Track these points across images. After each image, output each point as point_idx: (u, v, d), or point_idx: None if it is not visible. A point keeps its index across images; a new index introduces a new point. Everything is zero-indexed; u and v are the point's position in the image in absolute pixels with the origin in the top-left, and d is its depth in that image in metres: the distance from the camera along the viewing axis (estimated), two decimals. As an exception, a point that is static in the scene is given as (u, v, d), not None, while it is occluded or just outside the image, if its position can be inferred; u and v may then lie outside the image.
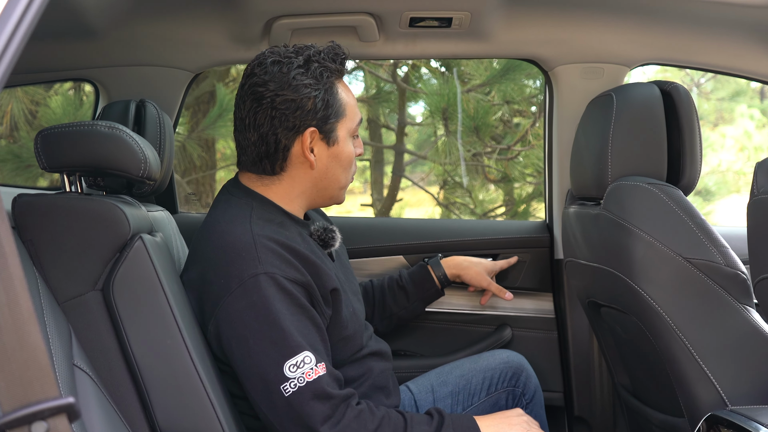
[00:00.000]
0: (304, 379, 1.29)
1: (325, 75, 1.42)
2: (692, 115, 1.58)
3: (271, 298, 1.31)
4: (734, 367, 1.42)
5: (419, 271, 1.92)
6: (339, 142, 1.46)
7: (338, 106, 1.44)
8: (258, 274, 1.32)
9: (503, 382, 1.78)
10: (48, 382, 0.64)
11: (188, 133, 4.68)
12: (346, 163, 1.49)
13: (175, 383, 1.24)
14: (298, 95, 1.39)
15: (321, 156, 1.45)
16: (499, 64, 4.20)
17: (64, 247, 1.24)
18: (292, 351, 1.30)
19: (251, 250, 1.34)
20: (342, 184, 1.50)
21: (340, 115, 1.44)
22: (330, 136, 1.44)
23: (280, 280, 1.33)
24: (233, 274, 1.33)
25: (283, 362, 1.29)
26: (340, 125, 1.45)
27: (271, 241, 1.36)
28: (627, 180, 1.54)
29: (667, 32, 1.93)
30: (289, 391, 1.29)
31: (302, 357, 1.30)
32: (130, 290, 1.25)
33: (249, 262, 1.33)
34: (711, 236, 1.44)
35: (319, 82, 1.41)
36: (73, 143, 1.32)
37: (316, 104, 1.40)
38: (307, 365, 1.30)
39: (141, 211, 1.42)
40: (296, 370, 1.29)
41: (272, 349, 1.30)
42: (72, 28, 1.80)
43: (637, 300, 1.48)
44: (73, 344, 1.13)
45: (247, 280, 1.32)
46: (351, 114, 1.47)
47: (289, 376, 1.29)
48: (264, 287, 1.31)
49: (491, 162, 4.73)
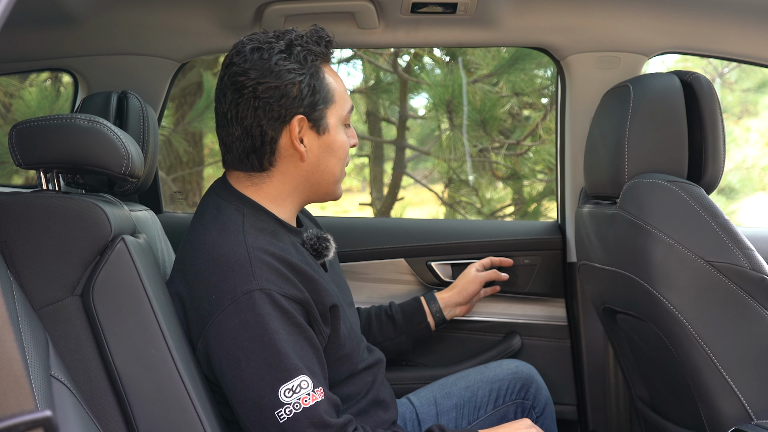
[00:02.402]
0: (300, 405, 1.28)
1: (310, 59, 1.40)
2: (715, 108, 1.58)
3: (266, 317, 1.29)
4: (760, 379, 1.42)
5: (411, 303, 1.91)
6: (330, 130, 1.44)
7: (326, 91, 1.42)
8: (252, 290, 1.30)
9: (512, 394, 1.78)
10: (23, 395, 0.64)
11: (174, 127, 4.68)
12: (340, 154, 1.47)
13: (159, 396, 1.24)
14: (282, 82, 1.37)
15: (312, 146, 1.43)
16: (507, 52, 4.20)
17: (40, 250, 1.24)
18: (289, 374, 1.28)
19: (245, 264, 1.32)
20: (337, 176, 1.49)
21: (329, 101, 1.43)
22: (320, 124, 1.42)
23: (276, 297, 1.31)
24: (226, 289, 1.31)
25: (279, 386, 1.28)
26: (329, 112, 1.43)
27: (266, 254, 1.34)
28: (645, 177, 1.54)
29: (688, 18, 1.93)
30: (284, 417, 1.27)
31: (299, 381, 1.28)
32: (112, 296, 1.25)
33: (243, 278, 1.31)
34: (735, 238, 1.44)
35: (304, 66, 1.39)
36: (50, 138, 1.32)
37: (302, 90, 1.38)
38: (303, 390, 1.28)
39: (123, 211, 1.43)
40: (292, 395, 1.28)
41: (267, 371, 1.28)
42: (49, 14, 1.80)
43: (655, 306, 1.48)
44: (50, 353, 1.13)
45: (241, 297, 1.30)
46: (341, 100, 1.46)
47: (284, 402, 1.27)
48: (259, 305, 1.29)
49: (499, 158, 4.73)
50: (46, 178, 1.35)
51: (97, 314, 1.23)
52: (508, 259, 2.08)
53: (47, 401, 1.03)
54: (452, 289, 1.96)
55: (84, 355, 1.23)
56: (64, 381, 1.11)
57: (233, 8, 1.90)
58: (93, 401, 1.21)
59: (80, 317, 1.24)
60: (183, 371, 1.26)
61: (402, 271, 2.17)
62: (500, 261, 2.07)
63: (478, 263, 2.03)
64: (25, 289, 1.22)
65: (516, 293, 2.16)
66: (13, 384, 0.63)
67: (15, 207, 1.25)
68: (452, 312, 1.94)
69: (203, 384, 1.35)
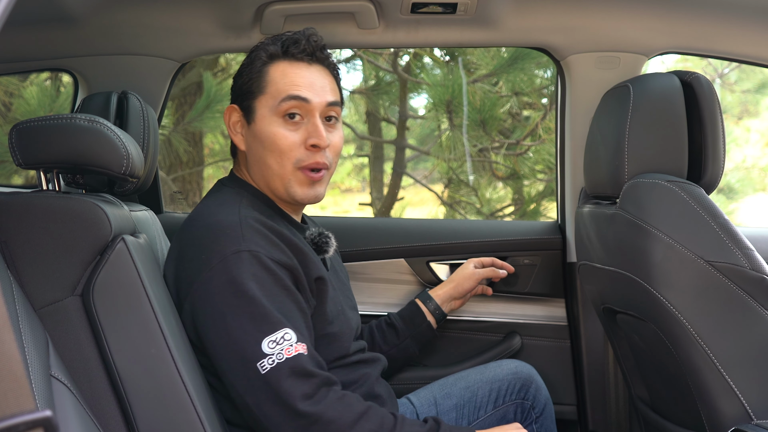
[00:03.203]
0: (283, 355, 1.29)
1: (261, 56, 1.51)
2: (715, 108, 1.58)
3: (252, 275, 1.33)
4: (760, 379, 1.42)
5: (408, 307, 1.93)
6: (257, 119, 1.50)
7: (260, 83, 1.50)
8: (241, 250, 1.34)
9: (511, 394, 1.78)
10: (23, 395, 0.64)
11: (174, 126, 4.68)
12: (270, 145, 1.48)
13: (159, 396, 1.24)
14: (234, 75, 1.55)
15: (245, 136, 1.53)
16: (507, 52, 4.20)
17: (40, 250, 1.24)
18: (272, 327, 1.31)
19: (236, 228, 1.37)
20: (275, 170, 1.48)
21: (260, 92, 1.50)
22: (249, 114, 1.51)
23: (264, 259, 1.35)
24: (215, 250, 1.36)
25: (262, 338, 1.30)
26: (258, 102, 1.50)
27: (257, 222, 1.40)
28: (645, 177, 1.54)
29: (688, 18, 1.93)
30: (267, 367, 1.29)
31: (282, 333, 1.31)
32: (112, 295, 1.25)
33: (233, 239, 1.36)
34: (735, 238, 1.44)
35: (251, 62, 1.52)
36: (50, 138, 1.32)
37: (237, 81, 1.53)
38: (286, 342, 1.31)
39: (123, 211, 1.43)
40: (275, 346, 1.30)
41: (251, 324, 1.31)
42: (49, 14, 1.80)
43: (655, 306, 1.48)
44: (50, 353, 1.13)
45: (230, 256, 1.34)
46: (274, 91, 1.49)
47: (267, 353, 1.29)
48: (246, 264, 1.33)
49: (499, 158, 4.73)
50: (46, 178, 1.35)
51: (97, 314, 1.23)
52: (509, 266, 2.07)
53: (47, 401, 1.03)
54: (448, 284, 1.96)
55: (84, 355, 1.23)
56: (64, 381, 1.11)
57: (233, 8, 1.90)
58: (93, 401, 1.21)
59: (80, 317, 1.24)
60: (183, 371, 1.26)
61: (402, 271, 2.17)
62: (502, 264, 2.06)
63: (477, 259, 2.03)
64: (25, 289, 1.22)
65: (516, 293, 2.16)
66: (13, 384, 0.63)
67: (15, 207, 1.25)
68: (449, 306, 1.95)
69: (203, 384, 1.35)
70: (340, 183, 7.91)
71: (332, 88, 1.54)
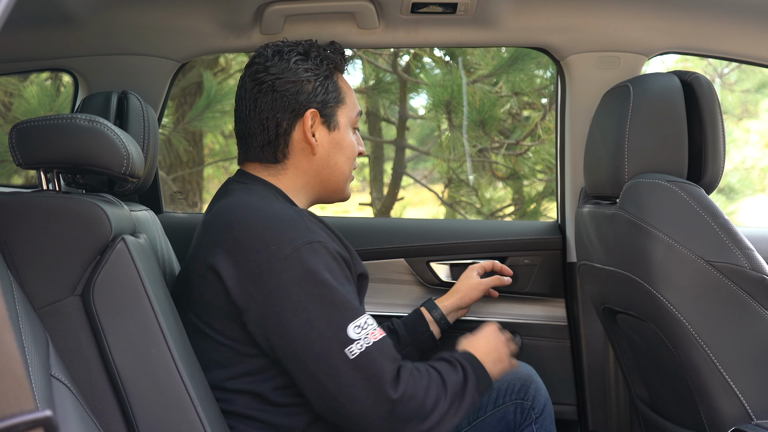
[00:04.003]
0: (370, 339, 1.33)
1: (325, 63, 1.54)
2: (715, 108, 1.58)
3: (327, 264, 1.36)
4: (760, 379, 1.42)
5: (412, 315, 1.92)
6: (340, 128, 1.56)
7: (338, 92, 1.55)
8: (312, 241, 1.36)
9: (511, 394, 1.78)
10: (24, 394, 0.63)
11: (174, 126, 4.68)
12: (349, 152, 1.58)
13: (159, 396, 1.24)
14: (298, 78, 1.50)
15: (322, 141, 1.53)
16: (507, 52, 4.20)
17: (40, 250, 1.23)
18: (355, 313, 1.34)
19: (299, 220, 1.39)
20: (346, 174, 1.58)
21: (340, 102, 1.56)
22: (331, 121, 1.54)
23: (331, 249, 1.38)
24: (285, 240, 1.35)
25: (347, 324, 1.32)
26: (340, 111, 1.56)
27: (312, 216, 1.43)
28: (645, 177, 1.54)
29: (688, 19, 1.93)
30: (356, 352, 1.31)
31: (364, 319, 1.35)
32: (112, 295, 1.24)
33: (300, 231, 1.37)
34: (735, 238, 1.44)
35: (319, 68, 1.53)
36: (50, 138, 1.32)
37: (316, 87, 1.51)
38: (370, 327, 1.34)
39: (123, 211, 1.42)
40: (361, 331, 1.33)
41: (334, 312, 1.33)
42: (49, 14, 1.80)
43: (655, 306, 1.48)
44: (50, 353, 1.13)
45: (302, 246, 1.35)
46: (351, 103, 1.58)
47: (354, 338, 1.32)
48: (319, 254, 1.36)
49: (499, 158, 4.73)
50: (46, 178, 1.35)
51: (97, 314, 1.23)
52: (509, 270, 2.04)
53: (47, 401, 1.03)
54: (454, 295, 1.95)
55: (84, 355, 1.23)
56: (64, 381, 1.11)
57: (233, 8, 1.90)
58: (93, 401, 1.21)
59: (80, 317, 1.24)
60: (183, 371, 1.26)
61: (402, 271, 2.17)
62: (501, 268, 2.04)
63: (479, 266, 2.00)
64: (25, 289, 1.21)
65: (516, 293, 2.16)
66: (13, 384, 0.63)
67: (15, 207, 1.25)
68: (455, 315, 1.95)
69: (203, 384, 1.35)
70: (340, 183, 7.89)
71: None
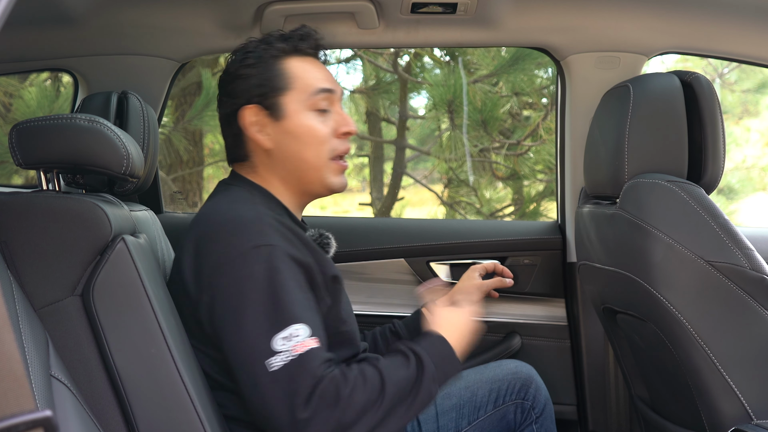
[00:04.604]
0: (292, 353, 1.28)
1: (269, 53, 1.51)
2: (715, 108, 1.58)
3: (272, 270, 1.33)
4: (760, 379, 1.42)
5: (413, 316, 1.90)
6: (289, 115, 1.49)
7: (283, 79, 1.50)
8: (262, 245, 1.34)
9: (511, 394, 1.78)
10: (24, 394, 0.64)
11: (174, 125, 4.68)
12: (307, 138, 1.50)
13: (159, 396, 1.24)
14: (238, 74, 1.51)
15: (273, 134, 1.51)
16: (507, 53, 4.20)
17: (40, 250, 1.23)
18: (285, 323, 1.30)
19: (257, 222, 1.38)
20: (313, 163, 1.50)
21: (285, 88, 1.50)
22: (276, 111, 1.49)
23: (283, 254, 1.35)
24: (235, 243, 1.35)
25: (273, 334, 1.29)
26: (287, 98, 1.50)
27: (275, 220, 1.41)
28: (645, 177, 1.54)
29: (688, 19, 1.93)
30: (276, 366, 1.27)
31: (293, 329, 1.29)
32: (112, 295, 1.24)
33: (254, 234, 1.36)
34: (735, 238, 1.44)
35: (260, 61, 1.51)
36: (50, 138, 1.32)
37: (251, 82, 1.50)
38: (296, 338, 1.29)
39: (123, 211, 1.42)
40: (286, 343, 1.29)
41: (265, 320, 1.30)
42: (49, 14, 1.80)
43: (655, 306, 1.48)
44: (50, 353, 1.13)
45: (251, 250, 1.34)
46: (302, 86, 1.51)
47: (277, 350, 1.28)
48: (267, 258, 1.33)
49: (499, 158, 4.73)
50: (46, 178, 1.35)
51: (97, 314, 1.23)
52: (509, 272, 2.02)
53: (47, 401, 1.03)
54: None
55: (84, 355, 1.23)
56: (64, 381, 1.11)
57: (233, 8, 1.90)
58: (93, 401, 1.21)
59: (80, 317, 1.24)
60: (183, 371, 1.26)
61: (402, 271, 2.17)
62: (503, 270, 2.02)
63: (481, 267, 1.99)
64: (25, 289, 1.21)
65: (516, 293, 2.16)
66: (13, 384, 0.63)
67: (15, 207, 1.25)
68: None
69: (203, 384, 1.35)
70: (340, 183, 7.89)
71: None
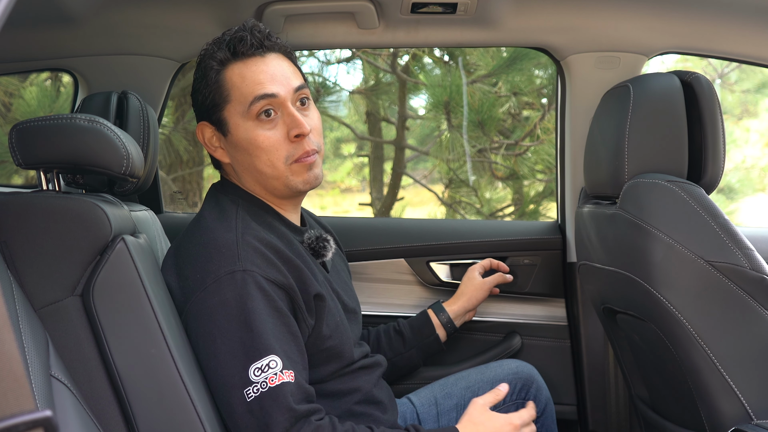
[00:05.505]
0: (267, 384, 1.28)
1: (212, 65, 1.46)
2: (715, 108, 1.58)
3: (245, 297, 1.32)
4: (760, 379, 1.42)
5: (419, 317, 1.91)
6: (232, 129, 1.46)
7: (221, 92, 1.45)
8: (235, 270, 1.33)
9: (512, 394, 1.78)
10: (24, 395, 0.63)
11: (174, 125, 4.68)
12: (253, 150, 1.44)
13: (159, 396, 1.24)
14: (193, 91, 1.51)
15: (226, 148, 1.50)
16: (506, 53, 4.20)
17: (40, 250, 1.23)
18: (260, 353, 1.29)
19: (232, 247, 1.36)
20: (268, 172, 1.45)
21: (225, 102, 1.45)
22: (221, 126, 1.48)
23: (259, 279, 1.33)
24: (210, 270, 1.35)
25: (249, 364, 1.29)
26: (227, 111, 1.46)
27: (254, 239, 1.38)
28: (645, 177, 1.54)
29: (688, 19, 1.92)
30: (251, 396, 1.28)
31: (268, 360, 1.29)
32: (112, 296, 1.24)
33: (228, 259, 1.34)
34: (735, 238, 1.44)
35: (203, 75, 1.47)
36: (50, 138, 1.32)
37: (197, 99, 1.49)
38: (271, 369, 1.29)
39: (123, 211, 1.42)
40: (261, 374, 1.29)
41: (240, 350, 1.30)
42: (49, 14, 1.80)
43: (655, 306, 1.48)
44: (50, 353, 1.13)
45: (224, 277, 1.33)
46: (239, 95, 1.44)
47: (252, 380, 1.29)
48: (240, 285, 1.32)
49: (498, 158, 4.73)
50: (46, 178, 1.35)
51: (97, 314, 1.23)
52: (506, 266, 2.07)
53: (47, 401, 1.03)
54: (460, 298, 1.95)
55: (84, 355, 1.23)
56: (64, 381, 1.10)
57: (233, 8, 1.90)
58: (93, 401, 1.21)
59: (80, 317, 1.24)
60: (183, 371, 1.26)
61: (402, 271, 2.17)
62: (498, 264, 2.06)
63: (479, 266, 2.02)
64: (25, 289, 1.21)
65: (516, 293, 2.16)
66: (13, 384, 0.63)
67: (15, 207, 1.25)
68: (462, 319, 1.95)
69: (203, 384, 1.35)
70: (340, 183, 7.90)
71: (293, 71, 1.49)
